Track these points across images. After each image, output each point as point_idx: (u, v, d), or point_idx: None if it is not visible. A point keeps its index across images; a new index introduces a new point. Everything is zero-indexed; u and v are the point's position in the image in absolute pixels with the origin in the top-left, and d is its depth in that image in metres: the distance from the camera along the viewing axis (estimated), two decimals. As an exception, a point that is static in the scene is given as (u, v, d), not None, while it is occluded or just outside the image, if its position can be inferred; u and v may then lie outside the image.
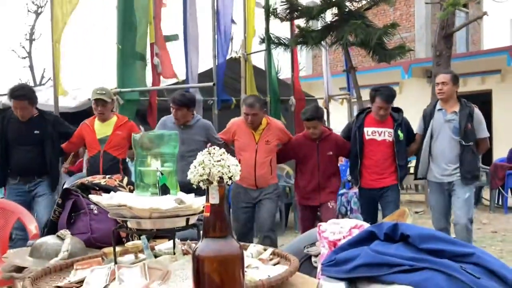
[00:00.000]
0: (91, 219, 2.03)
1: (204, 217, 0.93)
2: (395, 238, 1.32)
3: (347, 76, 8.88)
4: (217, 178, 0.93)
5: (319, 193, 4.37)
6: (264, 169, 4.27)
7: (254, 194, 4.33)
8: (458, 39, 14.32)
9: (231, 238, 0.93)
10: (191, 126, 4.37)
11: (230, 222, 1.01)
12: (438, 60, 8.20)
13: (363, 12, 7.51)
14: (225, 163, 0.94)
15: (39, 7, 20.26)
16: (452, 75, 4.20)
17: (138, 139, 1.51)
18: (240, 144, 4.35)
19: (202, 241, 0.93)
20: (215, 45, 7.01)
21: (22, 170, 4.18)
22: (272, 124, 4.38)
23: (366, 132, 4.30)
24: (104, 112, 4.40)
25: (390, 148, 4.25)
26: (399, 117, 4.31)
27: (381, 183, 4.27)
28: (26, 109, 4.13)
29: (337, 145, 4.44)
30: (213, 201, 0.93)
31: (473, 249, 1.21)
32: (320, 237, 2.22)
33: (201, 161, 0.94)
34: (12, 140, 4.20)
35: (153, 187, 1.48)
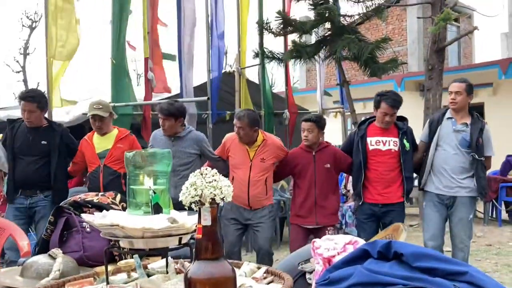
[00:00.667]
0: (84, 237, 2.02)
1: (196, 239, 0.93)
2: (389, 257, 1.32)
3: (340, 89, 8.94)
4: (209, 199, 0.92)
5: (316, 213, 4.06)
6: (258, 188, 4.03)
7: (246, 214, 4.09)
8: (450, 53, 14.48)
9: (224, 260, 0.92)
10: (182, 138, 4.15)
11: (222, 243, 1.00)
12: (431, 74, 8.26)
13: (355, 26, 7.60)
14: (217, 184, 0.93)
15: (34, 21, 20.31)
16: (466, 85, 3.90)
17: (131, 157, 1.50)
18: (234, 161, 4.12)
19: (194, 264, 0.92)
20: (209, 59, 7.06)
21: (24, 183, 3.98)
22: (269, 141, 4.13)
23: (369, 142, 4.00)
24: (102, 127, 4.20)
25: (396, 158, 3.95)
26: (404, 126, 4.04)
27: (385, 199, 3.95)
28: (33, 113, 3.97)
29: (335, 158, 4.15)
30: (205, 222, 0.93)
31: (467, 268, 1.21)
32: (314, 253, 2.21)
33: (193, 182, 0.94)
34: (18, 150, 4.03)
35: (145, 205, 1.47)
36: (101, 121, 4.17)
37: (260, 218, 4.06)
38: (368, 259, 1.35)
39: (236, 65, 7.85)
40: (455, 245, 4.00)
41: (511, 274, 5.00)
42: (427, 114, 8.04)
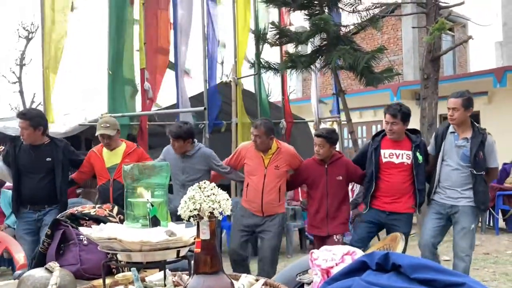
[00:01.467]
0: (81, 249, 2.01)
1: (195, 253, 0.93)
2: (387, 268, 1.32)
3: (336, 99, 8.97)
4: (208, 213, 0.92)
5: (327, 223, 4.16)
6: (272, 195, 4.17)
7: (257, 220, 4.21)
8: (445, 62, 14.58)
9: (222, 273, 0.92)
10: (192, 156, 4.37)
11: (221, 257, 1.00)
12: (426, 83, 8.29)
13: (351, 36, 7.65)
14: (215, 198, 0.94)
15: (30, 32, 20.32)
16: (463, 99, 3.87)
17: (128, 170, 1.50)
18: (249, 168, 4.28)
19: (193, 278, 0.92)
20: (206, 69, 7.09)
21: (33, 199, 4.10)
22: (283, 149, 4.28)
23: (383, 154, 4.06)
24: (110, 143, 4.30)
25: (408, 171, 4.00)
26: (417, 139, 4.07)
27: (393, 208, 4.00)
28: (25, 130, 4.04)
29: (347, 170, 4.24)
30: (203, 236, 0.93)
31: (464, 279, 1.21)
32: (312, 264, 2.21)
33: (192, 196, 0.94)
34: (23, 168, 4.12)
35: (143, 218, 1.47)
36: (109, 138, 4.27)
37: (270, 227, 4.17)
38: (366, 270, 1.35)
39: (232, 75, 7.87)
40: (456, 254, 4.00)
41: (509, 283, 4.99)
42: (423, 123, 8.07)
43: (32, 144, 4.11)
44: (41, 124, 4.13)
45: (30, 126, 4.03)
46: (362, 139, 13.64)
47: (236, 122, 7.50)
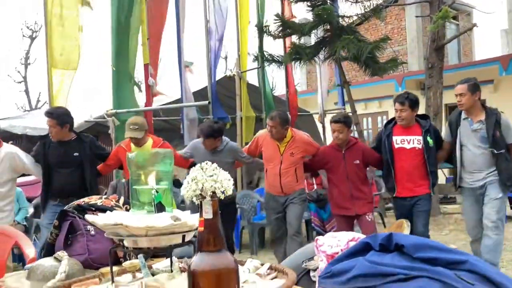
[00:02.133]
0: (88, 240, 2.04)
1: (198, 231, 0.94)
2: (390, 249, 1.33)
3: (341, 90, 8.95)
4: (210, 192, 0.94)
5: (353, 203, 4.37)
6: (289, 177, 4.50)
7: (281, 200, 4.58)
8: (450, 51, 14.48)
9: (225, 251, 0.94)
10: (221, 151, 4.70)
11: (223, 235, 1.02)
12: (431, 72, 8.27)
13: (354, 27, 7.62)
14: (217, 177, 0.95)
15: (34, 31, 20.41)
16: (469, 85, 4.03)
17: (133, 158, 1.52)
18: (266, 155, 4.63)
19: (197, 256, 0.94)
20: (209, 64, 7.09)
21: (62, 192, 4.23)
22: (297, 137, 4.55)
23: (395, 141, 4.27)
24: (139, 142, 4.48)
25: (421, 155, 4.19)
26: (426, 124, 4.27)
27: (414, 192, 4.21)
28: (54, 128, 4.22)
29: (364, 154, 4.46)
30: (206, 215, 0.94)
31: (467, 257, 1.22)
32: (317, 251, 2.22)
33: (194, 177, 0.96)
34: (54, 164, 4.28)
35: (148, 205, 1.49)
36: (136, 139, 4.45)
37: (292, 199, 4.54)
38: (370, 251, 1.36)
39: (236, 69, 7.87)
40: (485, 226, 4.03)
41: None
42: (429, 113, 8.04)
43: (60, 140, 4.28)
44: (67, 121, 4.30)
45: (57, 125, 4.22)
46: (367, 131, 13.60)
47: (240, 116, 7.51)
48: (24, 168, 4.29)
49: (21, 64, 20.91)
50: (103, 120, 6.50)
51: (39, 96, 20.62)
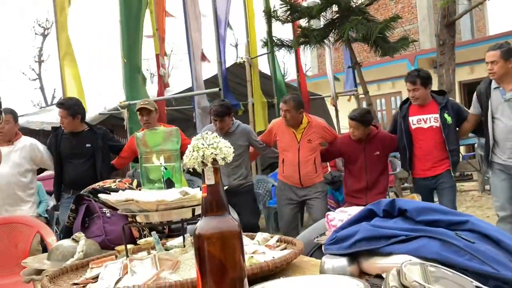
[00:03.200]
0: (105, 221, 2.10)
1: (202, 197, 0.99)
2: (394, 214, 1.36)
3: (352, 72, 8.90)
4: (211, 159, 0.98)
5: (366, 194, 4.32)
6: (308, 167, 4.30)
7: (300, 192, 4.36)
8: (463, 27, 14.26)
9: (229, 215, 0.98)
10: (233, 133, 4.48)
11: (227, 201, 1.05)
12: (442, 49, 8.19)
13: (364, 7, 7.55)
14: (217, 145, 0.99)
15: (46, 29, 20.64)
16: (502, 51, 3.69)
17: (141, 137, 1.57)
18: (282, 144, 4.41)
19: (202, 220, 0.98)
20: (219, 51, 7.11)
21: (75, 184, 4.22)
22: (314, 123, 4.38)
23: (411, 121, 4.15)
24: (150, 121, 4.43)
25: (439, 134, 4.06)
26: (442, 100, 4.09)
27: (434, 171, 4.09)
28: (65, 119, 4.25)
29: (383, 145, 4.37)
30: (209, 182, 0.99)
31: (468, 217, 1.25)
32: (328, 226, 2.26)
33: (195, 145, 1.00)
34: (65, 155, 4.32)
35: (158, 182, 1.54)
36: (148, 114, 4.41)
37: (315, 193, 4.32)
38: (374, 218, 1.40)
39: (246, 55, 7.88)
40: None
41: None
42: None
43: (72, 131, 4.31)
44: (79, 112, 4.32)
45: (68, 115, 4.24)
46: (381, 112, 13.54)
47: (252, 102, 7.53)
48: (42, 161, 4.35)
49: (35, 61, 21.21)
50: (117, 112, 6.59)
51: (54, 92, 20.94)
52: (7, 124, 4.08)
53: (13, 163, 4.09)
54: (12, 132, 4.18)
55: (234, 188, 4.44)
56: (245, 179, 4.58)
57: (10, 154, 4.09)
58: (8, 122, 4.09)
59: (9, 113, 4.17)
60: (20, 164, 4.12)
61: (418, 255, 1.15)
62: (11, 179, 4.05)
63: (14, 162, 4.10)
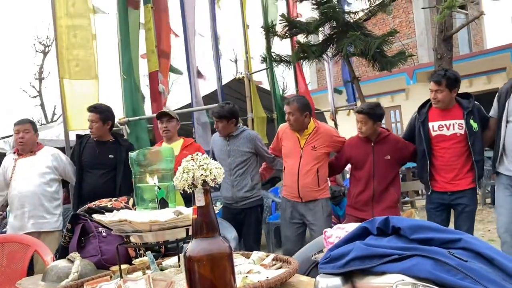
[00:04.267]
0: (100, 241, 2.10)
1: (192, 219, 0.99)
2: (388, 232, 1.36)
3: (351, 86, 8.94)
4: (201, 181, 0.98)
5: (373, 206, 3.82)
6: (308, 178, 3.89)
7: (301, 209, 3.96)
8: (460, 41, 14.35)
9: (219, 237, 0.98)
10: (236, 137, 4.25)
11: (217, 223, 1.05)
12: (440, 63, 8.22)
13: (362, 22, 7.61)
14: (207, 166, 1.00)
15: (46, 46, 20.81)
16: None
17: (135, 156, 1.57)
18: (285, 150, 4.07)
19: (192, 242, 0.98)
20: (218, 67, 7.16)
21: (93, 195, 3.98)
22: (321, 129, 4.01)
23: (431, 128, 3.66)
24: (169, 128, 4.34)
25: (463, 142, 3.57)
26: (469, 104, 3.60)
27: (455, 186, 3.61)
28: (96, 123, 4.18)
29: (396, 148, 3.87)
30: (199, 203, 0.99)
31: (461, 235, 1.25)
32: (326, 243, 2.26)
33: (185, 167, 1.00)
34: (86, 164, 4.21)
35: (152, 202, 1.54)
36: (168, 121, 4.33)
37: (314, 215, 3.90)
38: (369, 236, 1.39)
39: (245, 71, 7.93)
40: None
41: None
42: (440, 104, 7.98)
43: (98, 140, 4.23)
44: (110, 118, 4.28)
45: (99, 119, 4.18)
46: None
47: (251, 117, 7.56)
48: (64, 171, 4.24)
49: (35, 79, 21.33)
50: (116, 128, 6.60)
51: (55, 109, 21.00)
52: (26, 133, 4.07)
53: (37, 172, 4.04)
54: (33, 142, 4.15)
55: (239, 202, 4.22)
56: (251, 192, 4.23)
57: (34, 164, 4.06)
58: (27, 131, 4.08)
59: (28, 122, 4.18)
60: (44, 173, 4.07)
61: (411, 274, 1.14)
62: (37, 189, 4.00)
63: (38, 171, 4.05)
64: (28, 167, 4.07)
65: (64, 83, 5.60)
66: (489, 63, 11.20)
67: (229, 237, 3.44)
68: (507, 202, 3.44)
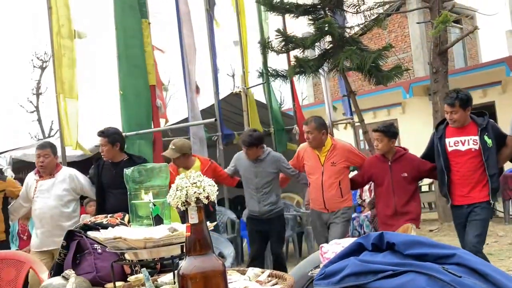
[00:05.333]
0: (96, 258, 2.09)
1: (186, 237, 0.99)
2: (382, 248, 1.36)
3: (348, 100, 8.99)
4: (194, 199, 0.99)
5: (398, 219, 4.00)
6: (332, 191, 4.25)
7: (325, 217, 4.35)
8: (456, 55, 14.47)
9: (212, 254, 0.98)
10: (263, 160, 4.60)
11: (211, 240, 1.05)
12: (436, 77, 8.28)
13: (357, 37, 7.69)
14: (200, 184, 1.00)
15: (44, 61, 20.88)
16: None
17: (130, 173, 1.58)
18: (308, 167, 4.43)
19: (186, 260, 0.98)
20: (215, 82, 7.19)
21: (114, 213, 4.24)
22: (338, 145, 4.34)
23: (448, 143, 3.88)
24: (178, 164, 4.59)
25: (478, 157, 3.77)
26: (483, 122, 3.81)
27: (471, 199, 3.80)
28: (105, 147, 4.33)
29: (412, 166, 4.13)
30: (192, 221, 0.99)
31: (455, 250, 1.25)
32: (323, 258, 2.25)
33: (178, 185, 1.01)
34: (107, 185, 4.37)
35: (147, 219, 1.54)
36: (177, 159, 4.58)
37: (334, 218, 4.28)
38: (363, 252, 1.39)
39: (242, 85, 7.97)
40: None
41: (534, 270, 4.91)
42: (436, 118, 8.03)
43: (112, 161, 4.38)
44: (118, 140, 4.41)
45: (108, 143, 4.33)
46: (378, 139, 13.58)
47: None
48: (82, 190, 4.45)
49: (33, 94, 21.36)
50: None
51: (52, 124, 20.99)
52: (46, 158, 4.27)
53: (55, 195, 4.28)
54: (52, 165, 4.36)
55: (264, 215, 4.60)
56: (275, 205, 4.64)
57: (53, 187, 4.30)
58: (47, 155, 4.28)
59: (48, 147, 4.36)
60: (62, 196, 4.30)
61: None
62: (55, 211, 4.25)
63: (56, 194, 4.28)
64: (48, 189, 4.31)
65: (61, 99, 5.62)
66: (484, 77, 11.28)
67: (226, 253, 3.44)
68: None
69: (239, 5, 7.81)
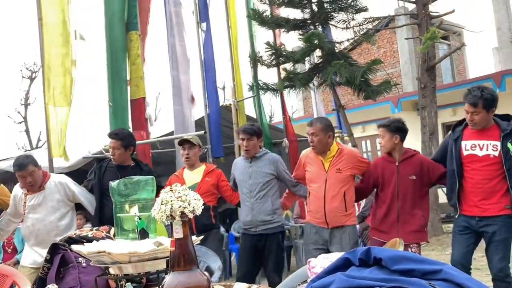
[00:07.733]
0: (80, 272, 2.05)
1: (170, 251, 0.97)
2: (369, 263, 1.36)
3: (337, 115, 9.04)
4: (179, 213, 0.98)
5: (398, 228, 3.64)
6: (335, 202, 3.74)
7: (325, 234, 3.79)
8: (444, 71, 14.65)
9: (197, 269, 0.97)
10: (259, 158, 4.17)
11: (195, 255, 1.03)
12: (424, 92, 8.38)
13: (347, 52, 7.77)
14: (185, 198, 0.99)
15: (33, 72, 20.76)
16: None
17: (115, 186, 1.56)
18: (310, 175, 3.92)
19: (170, 275, 0.97)
20: (205, 94, 7.19)
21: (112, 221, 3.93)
22: (345, 151, 3.88)
23: (464, 146, 3.42)
24: (190, 155, 4.30)
25: (496, 165, 3.31)
26: (507, 127, 3.35)
27: (483, 211, 3.34)
28: (117, 150, 4.08)
29: (422, 168, 3.72)
30: (177, 235, 0.98)
31: (441, 266, 1.25)
32: (310, 273, 2.24)
33: (163, 198, 0.99)
34: (107, 188, 4.01)
35: (132, 232, 1.52)
36: (190, 148, 4.31)
37: (341, 243, 3.72)
38: (350, 267, 1.39)
39: (232, 98, 7.97)
40: None
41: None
42: (424, 132, 8.11)
43: (119, 165, 4.14)
44: (132, 144, 4.21)
45: (121, 146, 4.09)
46: (366, 153, 13.64)
47: (238, 145, 7.55)
48: (74, 198, 4.12)
49: (21, 104, 21.19)
50: (101, 155, 6.53)
51: (40, 135, 20.80)
52: (32, 175, 3.88)
53: (49, 209, 3.97)
54: (40, 179, 3.97)
55: (259, 226, 4.08)
56: (271, 216, 4.08)
57: (45, 200, 3.97)
58: (32, 172, 3.89)
59: (29, 163, 3.91)
60: (56, 209, 3.99)
61: (392, 306, 1.13)
62: (49, 226, 3.95)
63: (50, 207, 3.98)
64: (39, 204, 3.98)
65: (49, 110, 5.57)
66: (472, 93, 11.41)
67: (214, 267, 3.38)
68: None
69: (230, 18, 7.84)
